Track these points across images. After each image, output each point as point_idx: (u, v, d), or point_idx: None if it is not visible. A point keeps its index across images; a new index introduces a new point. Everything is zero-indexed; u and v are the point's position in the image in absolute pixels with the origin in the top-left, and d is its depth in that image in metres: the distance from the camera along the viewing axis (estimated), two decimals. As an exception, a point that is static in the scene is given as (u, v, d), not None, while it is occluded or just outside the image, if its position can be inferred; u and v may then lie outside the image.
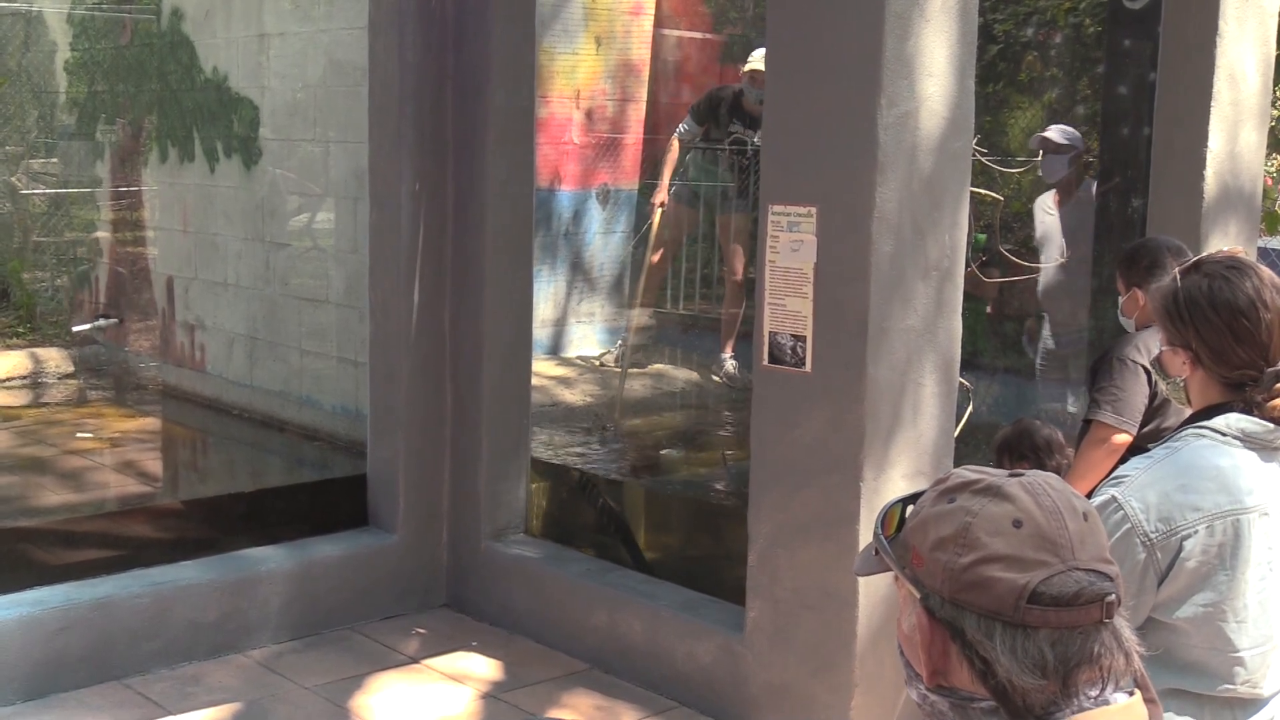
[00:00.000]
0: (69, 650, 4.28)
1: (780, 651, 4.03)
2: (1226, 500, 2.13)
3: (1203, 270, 2.27)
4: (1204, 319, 2.23)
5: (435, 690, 4.45)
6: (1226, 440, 2.18)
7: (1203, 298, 2.24)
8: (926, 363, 3.87)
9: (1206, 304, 2.23)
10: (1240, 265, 2.26)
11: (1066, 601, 1.27)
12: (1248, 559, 2.14)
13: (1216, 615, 2.14)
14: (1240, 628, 2.15)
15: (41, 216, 8.83)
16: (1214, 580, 2.13)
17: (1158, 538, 2.11)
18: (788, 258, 3.87)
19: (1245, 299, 2.21)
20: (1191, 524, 2.11)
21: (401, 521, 5.09)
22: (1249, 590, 2.15)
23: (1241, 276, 2.23)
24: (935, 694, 1.35)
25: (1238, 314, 2.21)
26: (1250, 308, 2.20)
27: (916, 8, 3.68)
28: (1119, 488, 2.16)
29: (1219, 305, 2.22)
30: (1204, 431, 2.20)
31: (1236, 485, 2.15)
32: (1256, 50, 4.98)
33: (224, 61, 7.14)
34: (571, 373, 7.39)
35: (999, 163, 6.29)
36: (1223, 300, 2.22)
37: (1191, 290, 2.25)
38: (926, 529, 1.34)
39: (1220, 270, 2.25)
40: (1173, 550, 2.11)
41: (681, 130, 7.28)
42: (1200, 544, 2.11)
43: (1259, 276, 2.24)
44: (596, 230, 7.99)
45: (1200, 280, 2.25)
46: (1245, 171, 5.05)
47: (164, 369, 7.72)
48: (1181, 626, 2.14)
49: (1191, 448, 2.19)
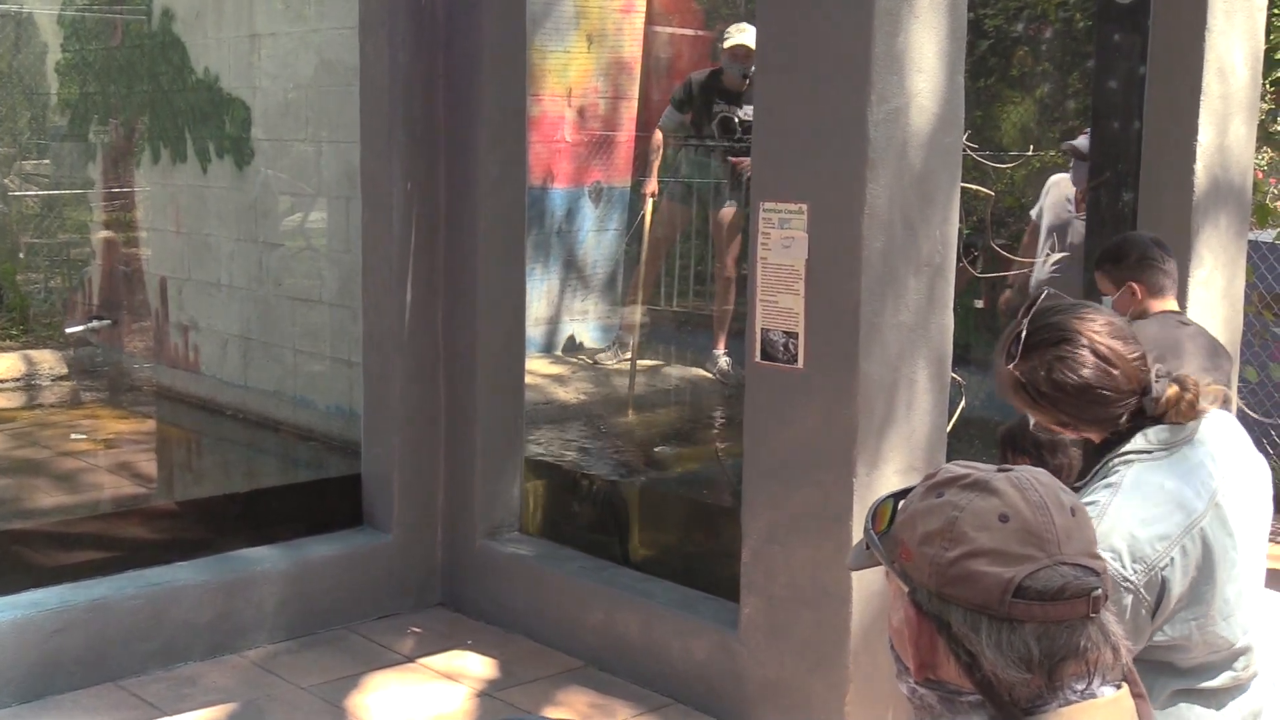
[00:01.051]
0: (64, 652, 4.28)
1: (775, 647, 4.04)
2: (1184, 516, 2.12)
3: (1035, 357, 2.17)
4: (1059, 403, 2.18)
5: (431, 689, 4.46)
6: (1154, 456, 2.16)
7: (1048, 386, 2.17)
8: (919, 358, 3.88)
9: (1053, 391, 2.16)
10: (1069, 335, 2.16)
11: (1052, 596, 1.27)
12: (1219, 559, 2.14)
13: (1208, 623, 2.15)
14: (1229, 623, 2.17)
15: (34, 218, 8.82)
16: (1198, 593, 2.13)
17: (1140, 580, 2.07)
18: (779, 254, 3.88)
19: (1091, 372, 2.14)
20: (1165, 554, 2.09)
21: (396, 521, 5.10)
22: (1228, 585, 2.16)
23: (1075, 349, 2.14)
24: (924, 687, 1.36)
25: (1089, 388, 2.15)
26: (1099, 377, 2.14)
27: (906, 4, 3.68)
28: None
29: (1068, 389, 2.15)
30: (1130, 458, 2.16)
31: (1185, 496, 2.13)
32: (1245, 44, 4.99)
33: (215, 62, 7.14)
34: (565, 370, 7.40)
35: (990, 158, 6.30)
36: (1069, 385, 2.15)
37: (1034, 381, 2.18)
38: (915, 524, 1.35)
39: (1052, 353, 2.16)
40: (1157, 586, 2.09)
41: (663, 121, 7.29)
42: (1180, 569, 2.10)
43: (1090, 338, 2.15)
44: (589, 228, 7.99)
45: (1037, 370, 2.17)
46: (1235, 165, 5.06)
47: (158, 370, 7.71)
48: (1178, 642, 2.14)
49: (1130, 480, 2.14)
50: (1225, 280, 5.10)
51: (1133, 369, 2.16)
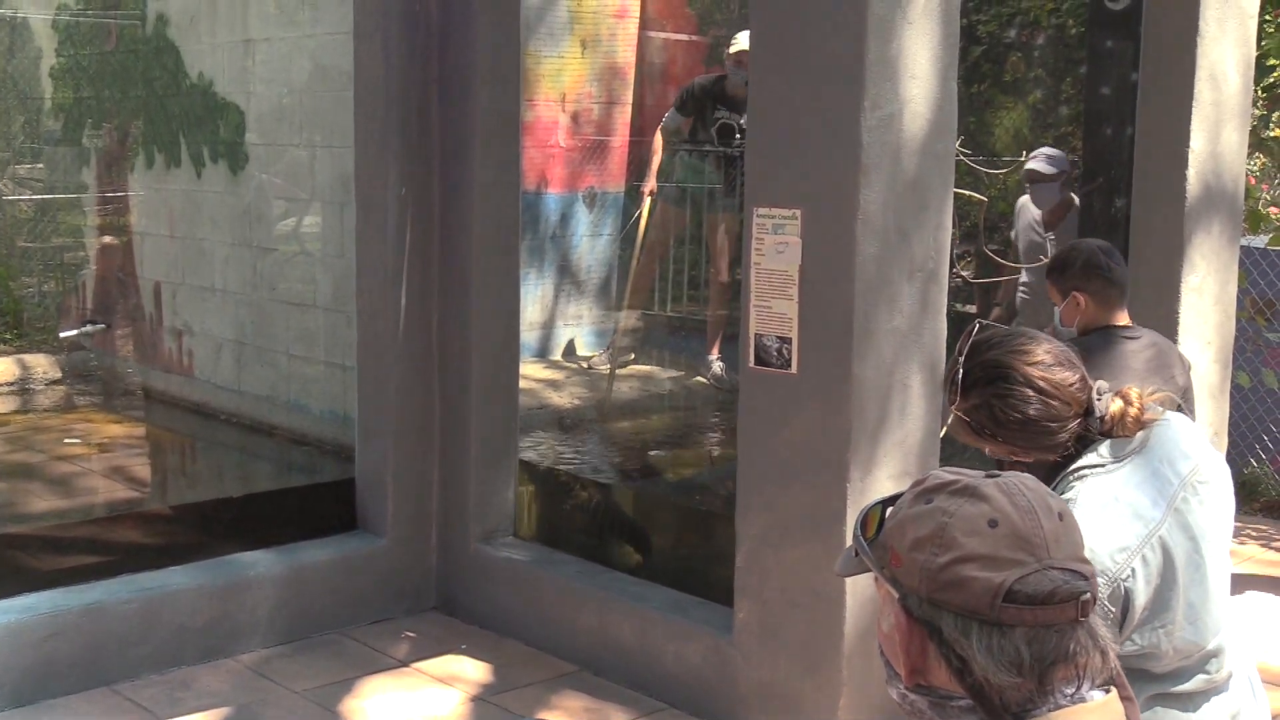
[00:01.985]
0: (58, 656, 4.28)
1: (769, 651, 4.05)
2: (1141, 526, 2.12)
3: (974, 394, 2.20)
4: (1007, 438, 2.20)
5: (425, 693, 4.46)
6: (1107, 469, 2.17)
7: (991, 424, 2.20)
8: (912, 363, 3.89)
9: (997, 427, 2.19)
10: (1004, 371, 2.17)
11: (1042, 600, 1.28)
12: (1181, 564, 2.15)
13: (1176, 629, 2.15)
14: (1197, 627, 2.17)
15: (28, 222, 8.81)
16: (1163, 600, 2.13)
17: (1102, 593, 2.05)
18: (773, 260, 3.89)
19: (1032, 408, 2.16)
20: (1125, 565, 2.09)
21: (391, 525, 5.10)
22: (1191, 590, 2.16)
23: (1010, 384, 2.16)
24: (914, 693, 1.36)
25: (1032, 423, 2.17)
26: (1040, 410, 2.16)
27: (899, 10, 3.70)
28: None
29: (1011, 425, 2.18)
30: (1084, 472, 2.18)
31: (1141, 506, 2.14)
32: (1237, 51, 5.01)
33: (209, 67, 7.15)
34: (560, 375, 7.40)
35: (983, 164, 6.32)
36: (1011, 421, 2.17)
37: (978, 420, 2.21)
38: (904, 530, 1.36)
39: (990, 391, 2.18)
40: (1121, 598, 2.09)
41: (665, 123, 7.27)
42: (1141, 578, 2.11)
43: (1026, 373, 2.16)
44: (583, 233, 8.00)
45: (979, 409, 2.20)
46: (1227, 171, 5.08)
47: (151, 374, 7.71)
48: (1149, 650, 2.16)
49: (1085, 495, 2.16)
50: (1218, 286, 5.11)
51: (1072, 395, 2.18)
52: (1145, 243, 5.02)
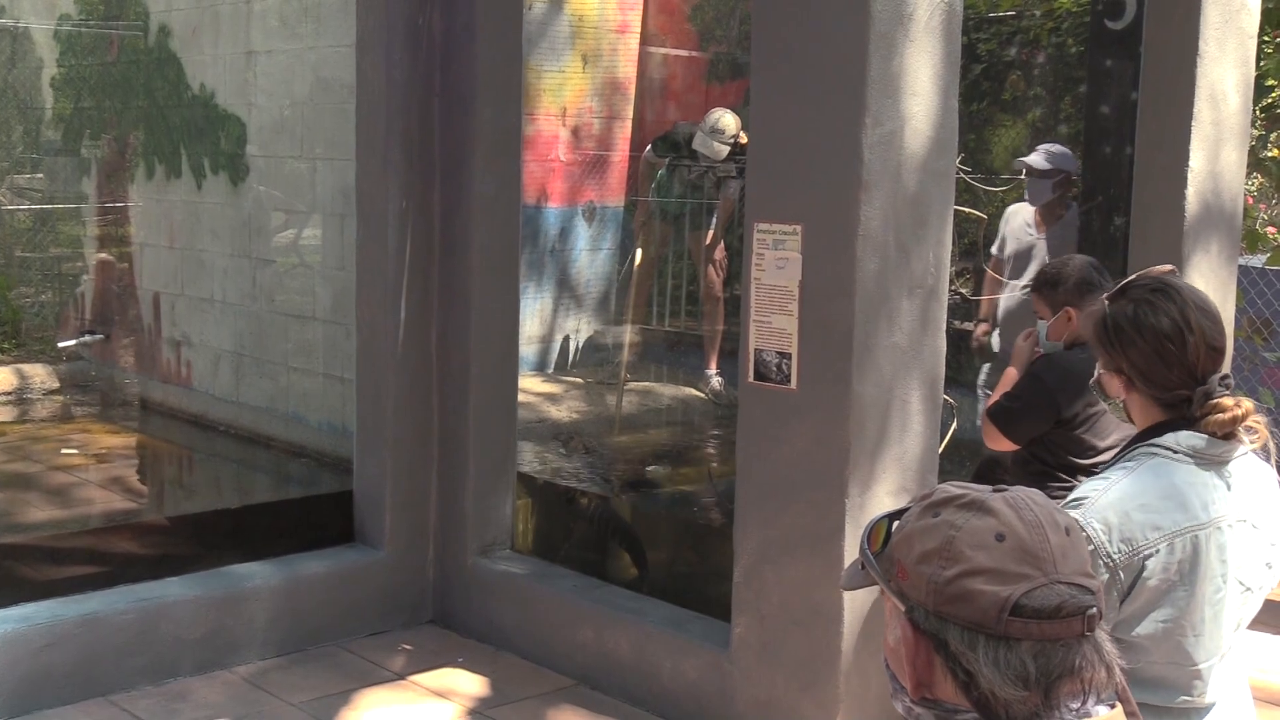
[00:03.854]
0: (55, 666, 4.27)
1: (766, 667, 4.04)
2: (1184, 518, 2.16)
3: (1129, 295, 2.31)
4: (1132, 344, 2.27)
5: (421, 707, 4.46)
6: (1178, 457, 2.21)
7: (1128, 324, 2.27)
8: (911, 380, 3.90)
9: (1133, 330, 2.26)
10: (1166, 288, 2.29)
11: (1048, 614, 1.29)
12: (1204, 574, 2.17)
13: (1176, 631, 2.17)
14: (1198, 641, 2.19)
15: (27, 232, 8.82)
16: (1173, 596, 2.16)
17: (1121, 559, 2.13)
18: (773, 275, 3.90)
19: (1169, 323, 2.24)
20: (1153, 543, 2.14)
21: (388, 538, 5.10)
22: (1205, 604, 2.18)
23: (1166, 300, 2.26)
24: (920, 706, 1.37)
25: (1163, 338, 2.24)
26: (1175, 332, 2.23)
27: (901, 28, 3.71)
28: (1079, 510, 2.17)
29: (1144, 331, 2.25)
30: (1156, 450, 2.22)
31: (1192, 502, 2.18)
32: (1236, 70, 5.03)
33: (211, 78, 7.16)
34: (558, 389, 7.41)
35: (983, 181, 6.32)
36: (1148, 326, 2.25)
37: (1118, 316, 2.29)
38: (911, 543, 1.36)
39: (1145, 295, 2.28)
40: (1135, 570, 2.13)
41: (646, 154, 7.64)
42: (1161, 562, 2.14)
43: (1184, 299, 2.27)
44: (583, 247, 8.01)
45: (1126, 306, 2.29)
46: (1226, 190, 5.09)
47: (150, 385, 7.71)
48: (1142, 643, 2.17)
49: (1146, 467, 2.21)
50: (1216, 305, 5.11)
51: (1204, 350, 2.24)
52: (1144, 261, 5.00)
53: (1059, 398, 3.84)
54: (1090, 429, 3.87)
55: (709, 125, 7.10)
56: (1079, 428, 3.87)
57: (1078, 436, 3.88)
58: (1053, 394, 3.84)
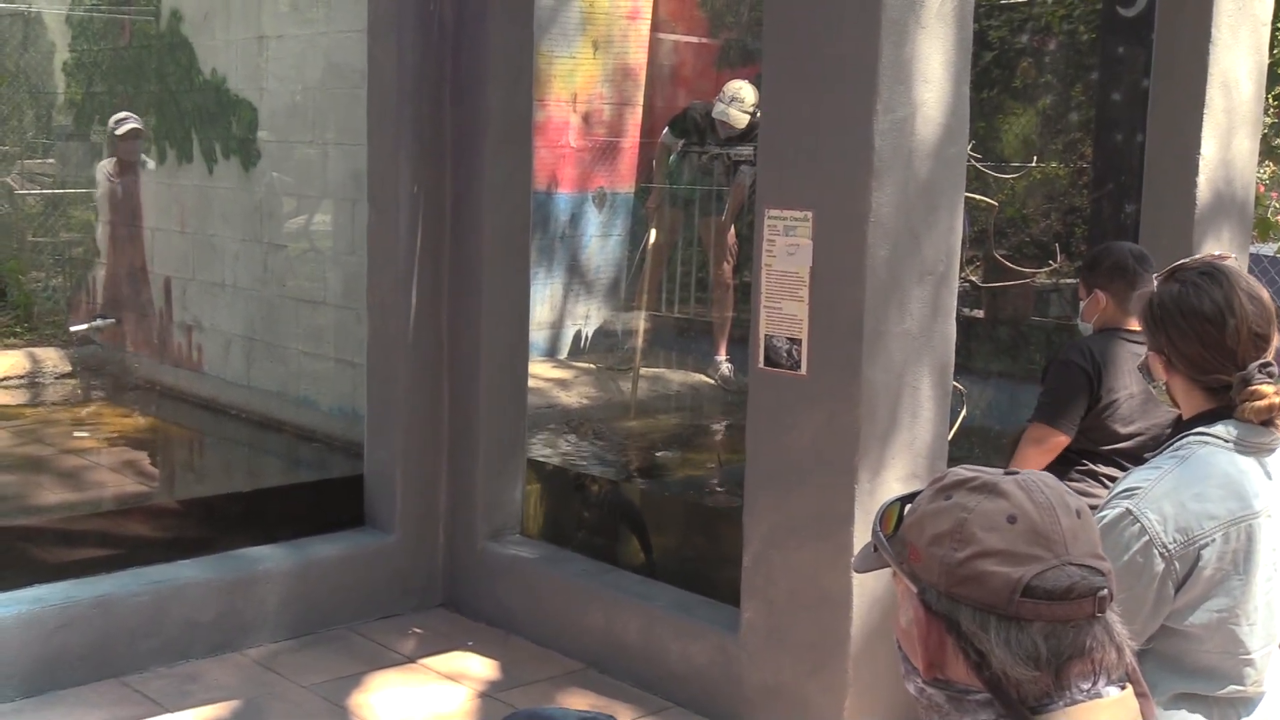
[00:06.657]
0: (68, 648, 4.30)
1: (775, 652, 4.06)
2: (1239, 506, 2.16)
3: (1177, 277, 2.32)
4: (1174, 325, 2.28)
5: (432, 689, 4.48)
6: (1227, 446, 2.21)
7: (1173, 304, 2.29)
8: (922, 366, 3.91)
9: (1176, 311, 2.28)
10: (1214, 272, 2.30)
11: (1059, 595, 1.30)
12: (1258, 562, 2.17)
13: (1230, 620, 2.17)
14: (1251, 630, 2.18)
15: (39, 216, 8.84)
16: (1228, 586, 2.16)
17: (1176, 549, 2.13)
18: (784, 261, 3.91)
19: (1212, 306, 2.25)
20: (1209, 533, 2.14)
21: (399, 522, 5.12)
22: (1259, 593, 2.18)
23: (1212, 283, 2.27)
24: (932, 687, 1.38)
25: (1205, 321, 2.25)
26: (1217, 315, 2.24)
27: (912, 15, 3.71)
28: (1133, 500, 2.16)
29: (1187, 312, 2.27)
30: (1206, 438, 2.22)
31: (1245, 490, 2.18)
32: (1249, 58, 5.02)
33: (222, 63, 7.17)
34: (568, 374, 7.42)
35: (993, 168, 6.32)
36: (1190, 307, 2.26)
37: (1164, 297, 2.31)
38: (924, 525, 1.38)
39: (1193, 277, 2.29)
40: (1191, 560, 2.13)
41: (663, 138, 7.58)
42: (1217, 551, 2.14)
43: (1230, 283, 2.27)
44: (593, 233, 8.02)
45: (1173, 287, 2.30)
46: (1238, 178, 5.08)
47: (161, 369, 7.73)
48: (1195, 633, 2.16)
49: (1198, 455, 2.21)
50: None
51: (1248, 334, 2.24)
52: (1154, 249, 4.99)
53: (1090, 370, 3.86)
54: (1113, 414, 3.89)
55: (729, 95, 7.06)
56: (1102, 413, 3.89)
57: (1099, 422, 3.90)
58: (1083, 369, 3.87)
